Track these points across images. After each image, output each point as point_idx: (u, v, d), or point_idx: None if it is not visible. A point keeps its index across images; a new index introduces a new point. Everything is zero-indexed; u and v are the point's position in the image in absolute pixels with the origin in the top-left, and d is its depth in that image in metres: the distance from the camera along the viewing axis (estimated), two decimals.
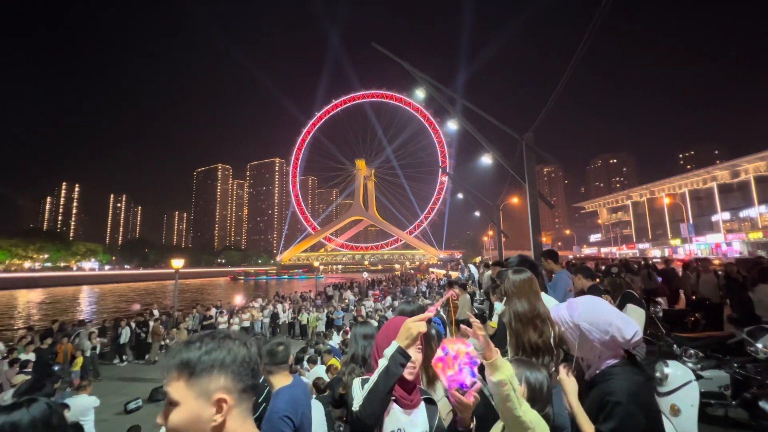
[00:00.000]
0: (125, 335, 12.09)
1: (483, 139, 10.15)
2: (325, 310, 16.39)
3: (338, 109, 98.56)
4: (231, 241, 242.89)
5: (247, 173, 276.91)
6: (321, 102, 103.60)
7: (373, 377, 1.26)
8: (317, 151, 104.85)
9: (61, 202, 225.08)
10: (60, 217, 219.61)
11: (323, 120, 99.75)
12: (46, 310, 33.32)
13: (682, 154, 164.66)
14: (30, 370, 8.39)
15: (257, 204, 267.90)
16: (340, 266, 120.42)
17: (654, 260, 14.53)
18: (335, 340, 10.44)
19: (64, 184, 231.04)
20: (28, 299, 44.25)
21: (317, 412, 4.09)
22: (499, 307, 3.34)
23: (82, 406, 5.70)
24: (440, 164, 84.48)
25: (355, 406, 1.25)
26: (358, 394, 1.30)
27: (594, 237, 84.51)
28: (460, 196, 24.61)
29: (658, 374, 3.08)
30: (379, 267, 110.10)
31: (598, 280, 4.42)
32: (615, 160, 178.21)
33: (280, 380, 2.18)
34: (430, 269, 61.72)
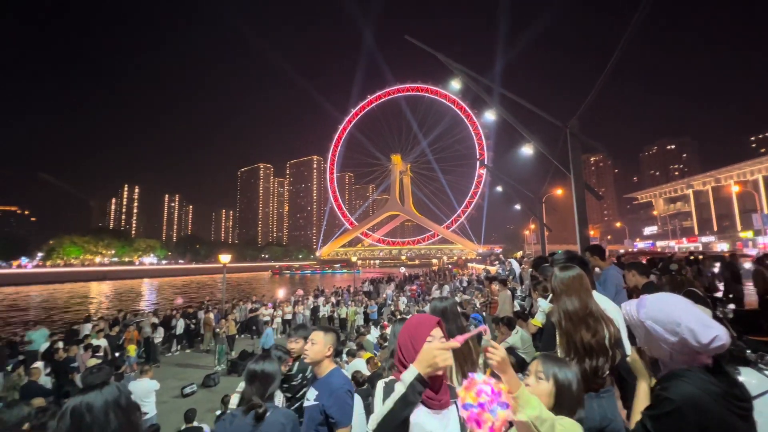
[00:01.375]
0: (180, 326, 13.01)
1: (523, 129, 9.70)
2: (363, 305, 16.63)
3: (373, 104, 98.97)
4: (273, 237, 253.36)
5: (287, 171, 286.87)
6: (356, 98, 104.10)
7: (390, 402, 1.18)
8: (353, 148, 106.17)
9: (124, 203, 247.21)
10: (123, 217, 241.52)
11: (359, 116, 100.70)
12: (114, 301, 36.83)
13: (754, 136, 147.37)
14: (101, 354, 9.31)
15: (297, 201, 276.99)
16: (377, 261, 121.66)
17: (713, 254, 13.18)
18: (373, 334, 10.56)
19: (125, 186, 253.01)
20: (100, 290, 49.12)
21: (357, 405, 4.16)
22: (544, 304, 3.16)
23: (144, 389, 6.22)
24: (478, 156, 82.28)
25: (371, 425, 1.19)
26: (378, 405, 1.25)
27: (649, 230, 78.32)
28: (499, 188, 23.78)
29: None
30: (417, 262, 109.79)
31: (654, 277, 4.06)
32: (673, 146, 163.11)
33: (330, 364, 2.32)
34: (469, 264, 60.52)
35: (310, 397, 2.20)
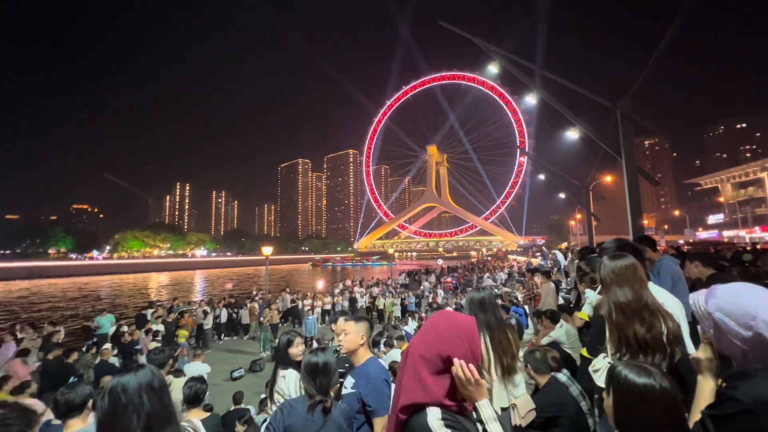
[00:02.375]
0: (224, 316, 13.83)
1: (568, 112, 9.11)
2: (400, 297, 16.69)
3: (408, 95, 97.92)
4: (312, 230, 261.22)
5: (324, 166, 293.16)
6: (391, 90, 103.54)
7: None
8: (389, 140, 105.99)
9: (177, 200, 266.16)
10: (177, 212, 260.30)
11: (393, 108, 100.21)
12: (171, 290, 39.96)
13: None
14: (160, 338, 10.15)
15: (334, 195, 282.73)
16: (414, 253, 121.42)
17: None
18: (411, 325, 10.57)
19: (177, 183, 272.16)
20: (158, 281, 53.48)
21: (393, 393, 4.17)
22: (592, 295, 2.95)
23: (196, 371, 6.68)
24: (518, 144, 78.87)
25: None
26: None
27: (714, 218, 71.09)
28: (541, 177, 22.64)
29: None
30: (454, 254, 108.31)
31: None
32: (743, 125, 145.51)
33: (367, 353, 2.32)
34: (509, 256, 58.65)
35: (348, 384, 2.22)
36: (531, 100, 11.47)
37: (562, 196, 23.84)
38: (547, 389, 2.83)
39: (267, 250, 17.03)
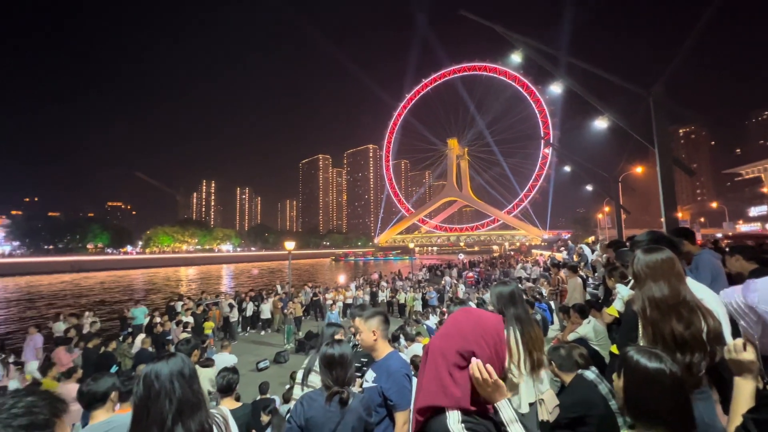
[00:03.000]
0: (250, 309, 14.21)
1: (596, 100, 8.74)
2: (421, 291, 16.65)
3: (428, 88, 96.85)
4: (333, 226, 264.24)
5: (344, 161, 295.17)
6: (410, 83, 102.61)
7: None
8: (409, 134, 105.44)
9: (203, 196, 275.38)
10: (203, 209, 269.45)
11: (413, 101, 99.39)
12: (199, 283, 41.52)
13: None
14: (189, 330, 10.57)
15: (355, 190, 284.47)
16: (435, 248, 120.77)
17: None
18: (432, 320, 10.54)
19: (204, 181, 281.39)
20: (187, 274, 55.64)
21: (415, 388, 4.16)
22: (624, 290, 2.83)
23: (225, 361, 6.93)
24: (542, 136, 76.63)
25: None
26: None
27: (756, 210, 66.69)
28: (567, 169, 21.88)
29: None
30: (476, 248, 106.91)
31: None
32: None
33: (387, 347, 2.30)
34: (533, 251, 57.33)
35: (369, 378, 2.22)
36: (556, 89, 11.07)
37: (589, 188, 23.03)
38: (574, 387, 2.76)
39: (290, 245, 17.38)
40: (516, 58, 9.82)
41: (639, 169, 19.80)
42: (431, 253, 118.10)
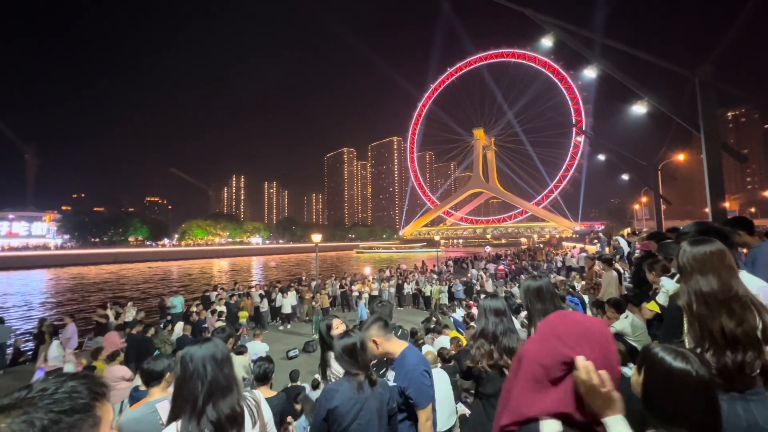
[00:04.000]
0: (279, 299, 14.60)
1: (634, 84, 8.24)
2: (447, 284, 16.53)
3: (453, 77, 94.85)
4: (358, 218, 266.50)
5: (369, 154, 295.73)
6: (435, 73, 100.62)
7: None
8: (433, 125, 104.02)
9: (233, 191, 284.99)
10: (234, 203, 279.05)
11: (438, 91, 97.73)
12: (231, 274, 43.24)
13: None
14: (223, 319, 11.05)
15: (379, 182, 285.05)
16: (460, 240, 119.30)
17: None
18: (459, 313, 10.45)
19: (233, 176, 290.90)
20: (220, 266, 58.05)
21: (442, 380, 4.14)
22: (669, 284, 2.67)
23: (256, 349, 7.23)
24: (574, 123, 73.40)
25: None
26: None
27: None
28: (601, 157, 20.85)
29: None
30: (503, 241, 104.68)
31: None
32: None
33: (399, 345, 2.27)
34: (564, 243, 55.41)
35: (390, 378, 2.23)
36: (590, 73, 10.50)
37: (625, 177, 21.82)
38: None
39: (316, 238, 17.67)
40: (547, 42, 9.39)
41: (681, 157, 18.56)
42: (457, 245, 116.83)
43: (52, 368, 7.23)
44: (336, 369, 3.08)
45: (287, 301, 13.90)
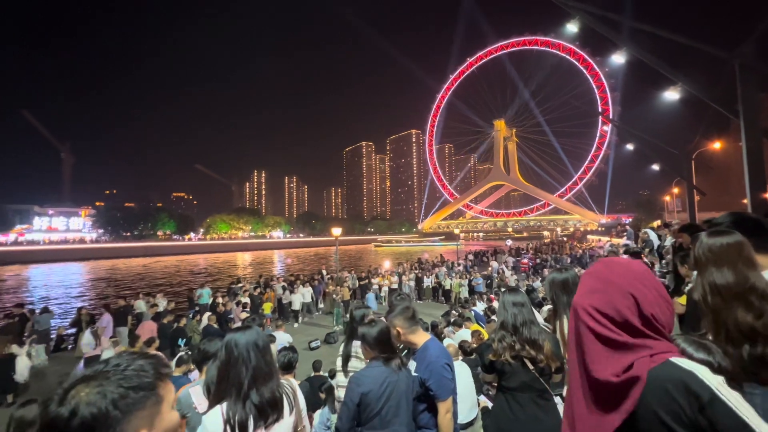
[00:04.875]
0: (287, 296, 14.80)
1: (667, 68, 7.84)
2: (468, 277, 16.40)
3: (473, 67, 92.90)
4: (377, 212, 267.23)
5: (387, 147, 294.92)
6: (454, 63, 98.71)
7: None
8: (453, 117, 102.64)
9: (255, 186, 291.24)
10: (255, 197, 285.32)
11: (457, 82, 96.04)
12: (255, 267, 44.44)
13: None
14: (248, 310, 11.39)
15: (398, 176, 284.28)
16: (480, 234, 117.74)
17: None
18: (479, 306, 10.37)
19: (255, 171, 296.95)
20: (243, 259, 59.72)
21: (464, 373, 4.14)
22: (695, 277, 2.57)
23: (280, 339, 7.41)
24: (601, 112, 70.55)
25: None
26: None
27: None
28: (629, 147, 19.99)
29: None
30: (525, 234, 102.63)
31: None
32: None
33: (422, 337, 2.28)
34: (589, 236, 53.75)
35: (411, 368, 2.25)
36: (618, 59, 10.05)
37: (655, 168, 20.87)
38: None
39: (336, 231, 17.84)
40: (572, 28, 9.04)
41: (717, 145, 17.56)
42: (477, 239, 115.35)
43: (89, 355, 7.70)
44: (353, 365, 3.13)
45: (296, 297, 13.33)
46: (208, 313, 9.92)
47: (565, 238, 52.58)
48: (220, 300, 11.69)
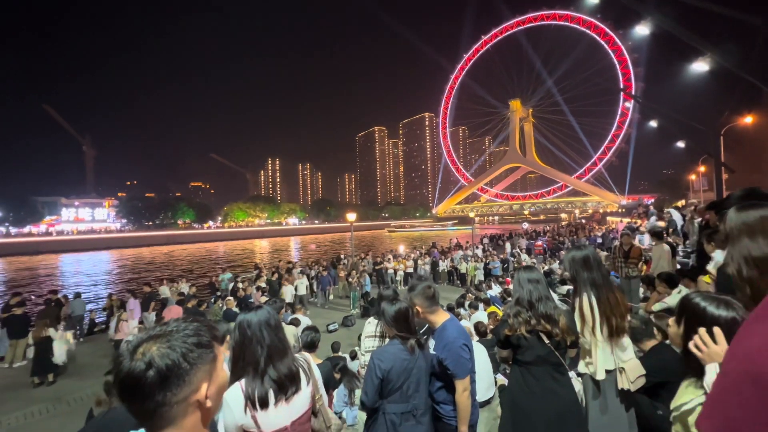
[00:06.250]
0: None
1: (695, 38, 7.39)
2: (483, 261, 16.33)
3: (488, 45, 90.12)
4: (391, 197, 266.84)
5: (400, 132, 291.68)
6: (468, 42, 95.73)
7: None
8: (467, 98, 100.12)
9: (270, 174, 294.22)
10: (270, 185, 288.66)
11: (471, 62, 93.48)
12: (272, 253, 45.40)
13: None
14: (267, 294, 11.68)
15: (411, 160, 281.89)
16: (496, 217, 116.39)
17: None
18: (495, 289, 10.35)
19: (269, 159, 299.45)
20: (260, 246, 61.04)
21: (481, 354, 4.18)
22: (720, 256, 2.52)
23: (301, 322, 7.61)
24: (623, 89, 67.64)
25: None
26: None
27: None
28: (653, 124, 19.14)
29: None
30: (542, 217, 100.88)
31: None
32: None
33: (441, 316, 2.31)
34: (608, 218, 52.43)
35: (430, 346, 2.29)
36: (642, 30, 9.53)
37: (680, 145, 20.02)
38: (654, 354, 2.70)
39: (351, 217, 17.99)
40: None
41: (749, 119, 16.64)
42: (493, 222, 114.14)
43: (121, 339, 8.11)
44: (365, 346, 3.18)
45: (287, 290, 11.99)
46: (229, 298, 10.24)
47: (583, 221, 51.45)
48: (240, 285, 12.02)
